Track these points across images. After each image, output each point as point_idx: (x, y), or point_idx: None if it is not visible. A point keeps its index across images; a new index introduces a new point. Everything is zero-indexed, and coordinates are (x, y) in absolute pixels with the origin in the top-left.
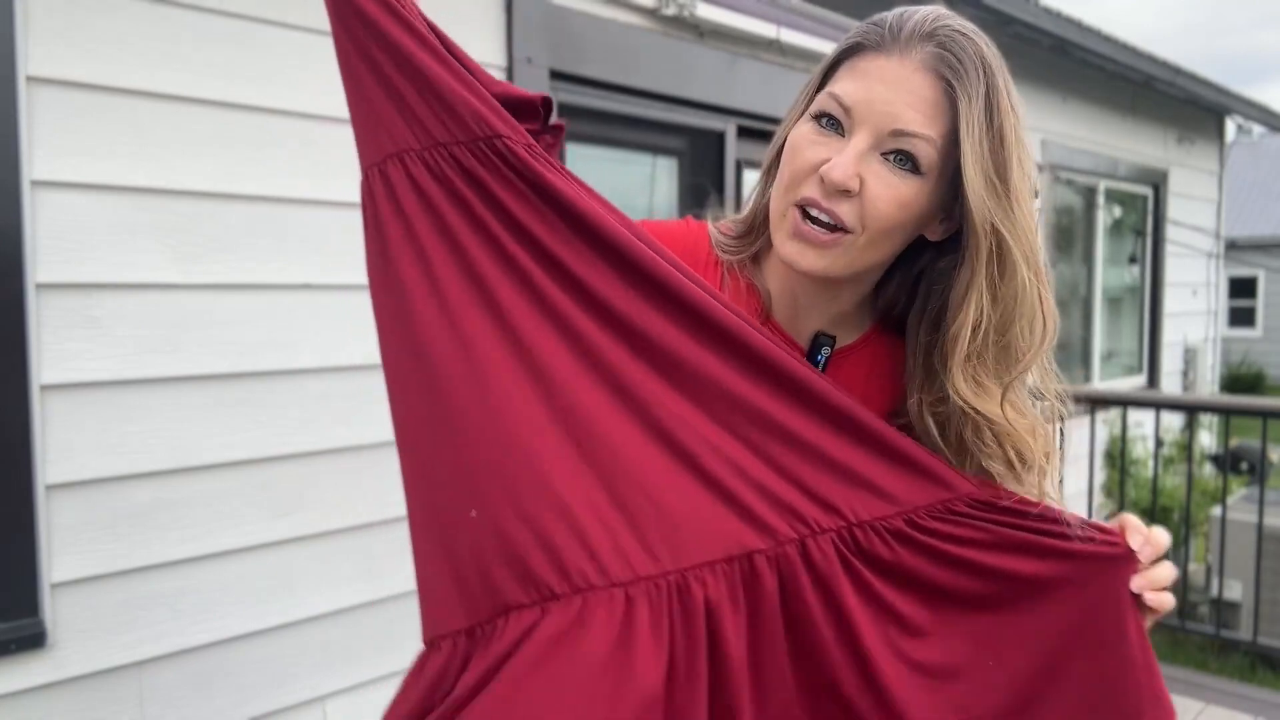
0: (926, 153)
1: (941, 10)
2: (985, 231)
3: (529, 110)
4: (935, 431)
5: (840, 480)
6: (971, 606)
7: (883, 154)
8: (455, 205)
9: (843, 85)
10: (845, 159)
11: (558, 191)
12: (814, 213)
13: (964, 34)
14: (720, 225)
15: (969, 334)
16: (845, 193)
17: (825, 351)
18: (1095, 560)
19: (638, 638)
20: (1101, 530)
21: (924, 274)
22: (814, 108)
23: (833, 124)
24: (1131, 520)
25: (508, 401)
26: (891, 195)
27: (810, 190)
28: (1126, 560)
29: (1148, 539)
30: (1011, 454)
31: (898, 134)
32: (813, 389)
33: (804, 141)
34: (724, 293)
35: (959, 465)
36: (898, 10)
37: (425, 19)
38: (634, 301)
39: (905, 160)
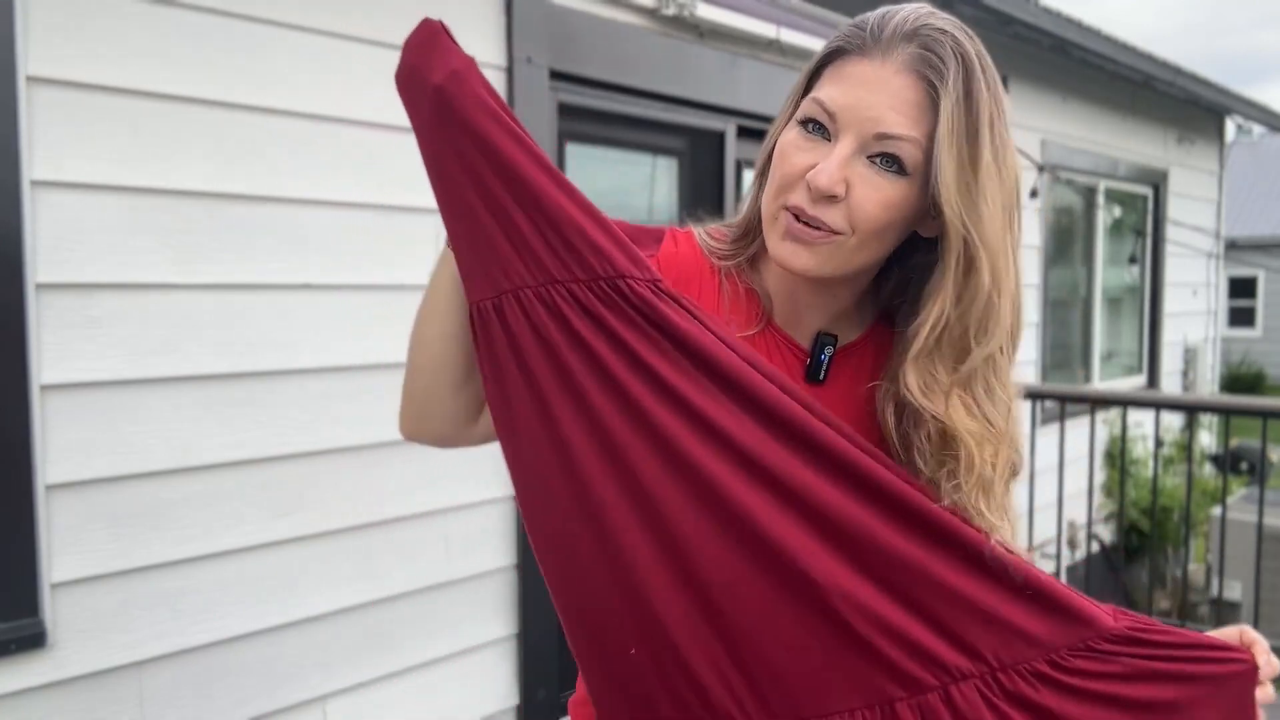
0: (911, 154)
1: (924, 9)
2: (956, 230)
3: (648, 238)
4: (891, 423)
5: (981, 624)
6: None
7: (868, 157)
8: (575, 347)
9: (827, 90)
10: (830, 165)
11: (685, 335)
12: (803, 218)
13: (946, 32)
14: (709, 230)
15: (928, 330)
16: (832, 198)
17: (828, 351)
18: (1227, 679)
19: None
20: (1228, 648)
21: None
22: (800, 113)
23: (818, 129)
24: (1256, 636)
25: (634, 559)
26: (878, 198)
27: (798, 196)
28: (1252, 675)
29: (1270, 659)
30: (951, 459)
31: (881, 137)
32: (952, 531)
33: (791, 147)
34: (722, 298)
35: (906, 461)
36: (880, 10)
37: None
38: (769, 445)
39: (891, 162)
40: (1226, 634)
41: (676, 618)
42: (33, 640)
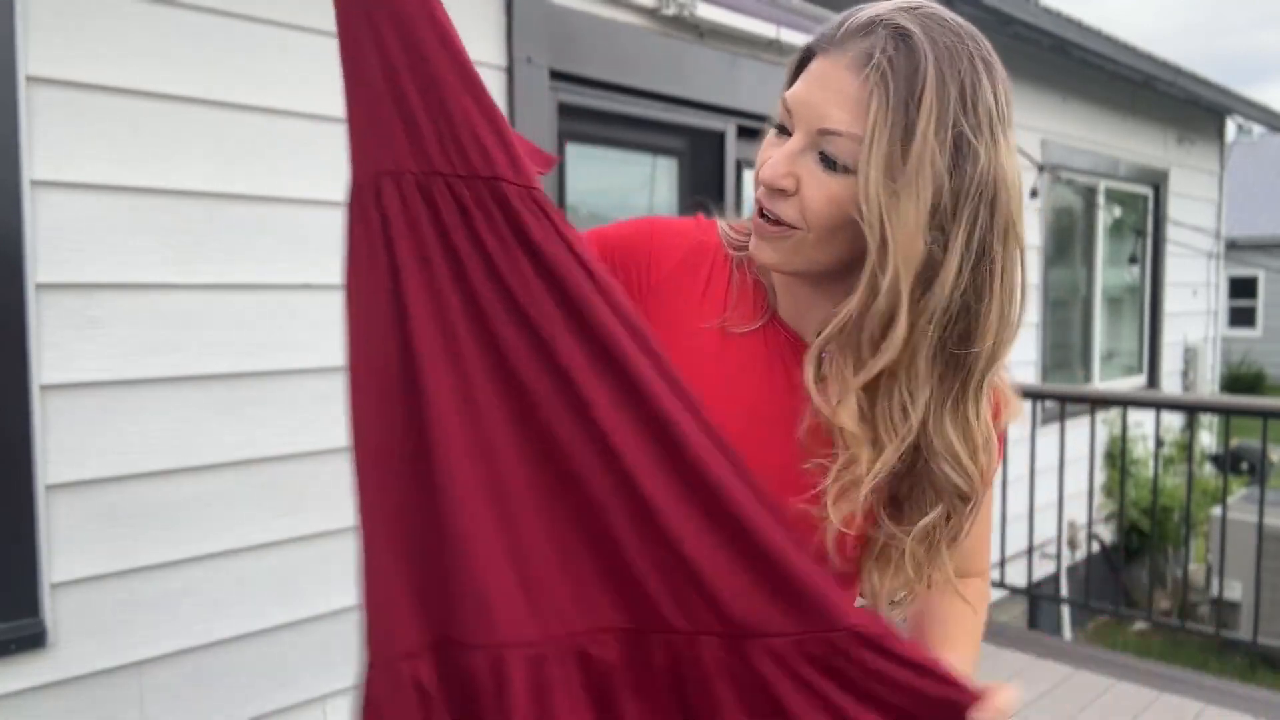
0: (852, 150)
1: (899, 3)
2: (873, 229)
3: (542, 162)
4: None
5: (735, 591)
6: None
7: (818, 153)
8: (439, 240)
9: (790, 90)
10: (775, 159)
11: (539, 248)
12: (763, 213)
13: (903, 26)
14: (731, 224)
15: (834, 324)
16: (782, 191)
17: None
18: (936, 704)
19: (552, 694)
20: (951, 681)
21: None
22: (776, 114)
23: (785, 128)
24: (1005, 692)
25: (446, 455)
26: (823, 194)
27: (759, 192)
28: (960, 711)
29: (997, 714)
30: (827, 450)
31: (824, 133)
32: (732, 503)
33: (765, 145)
34: (732, 286)
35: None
36: (850, 9)
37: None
38: (589, 371)
39: (834, 158)
40: (991, 685)
41: (468, 519)
42: (33, 640)
